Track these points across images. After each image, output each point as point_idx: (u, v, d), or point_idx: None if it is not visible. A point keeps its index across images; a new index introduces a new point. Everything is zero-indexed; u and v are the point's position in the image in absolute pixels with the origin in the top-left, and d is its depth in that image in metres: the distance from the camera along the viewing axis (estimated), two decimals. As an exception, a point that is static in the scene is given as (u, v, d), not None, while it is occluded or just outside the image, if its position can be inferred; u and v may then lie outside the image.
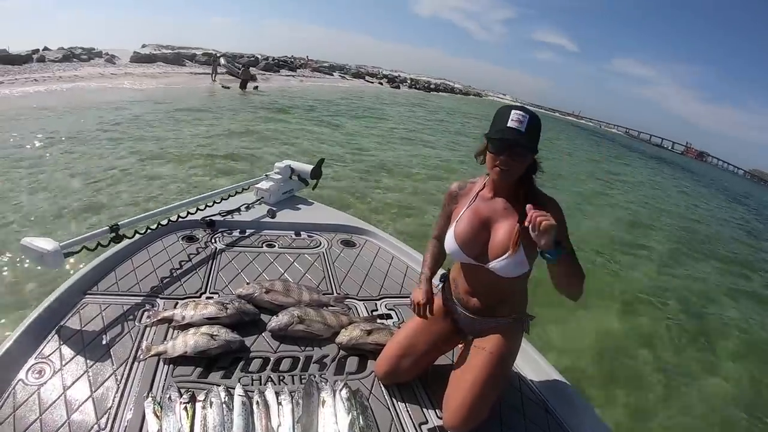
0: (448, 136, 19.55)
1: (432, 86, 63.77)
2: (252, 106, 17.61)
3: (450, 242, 1.79)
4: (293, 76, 36.69)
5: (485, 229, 1.73)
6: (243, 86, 22.83)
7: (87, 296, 2.16)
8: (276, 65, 37.77)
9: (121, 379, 1.71)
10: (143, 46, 32.53)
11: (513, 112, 1.58)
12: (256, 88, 23.66)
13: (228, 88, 22.30)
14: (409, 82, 60.03)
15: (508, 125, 1.56)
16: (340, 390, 1.71)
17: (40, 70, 18.96)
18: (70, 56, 23.26)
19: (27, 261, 2.15)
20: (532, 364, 2.17)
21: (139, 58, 27.24)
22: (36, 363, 1.72)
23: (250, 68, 29.67)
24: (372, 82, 49.01)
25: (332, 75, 46.15)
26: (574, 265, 1.58)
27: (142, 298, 2.21)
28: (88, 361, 1.77)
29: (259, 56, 38.68)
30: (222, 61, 28.57)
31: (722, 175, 52.70)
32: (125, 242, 2.52)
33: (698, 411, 4.05)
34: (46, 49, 23.43)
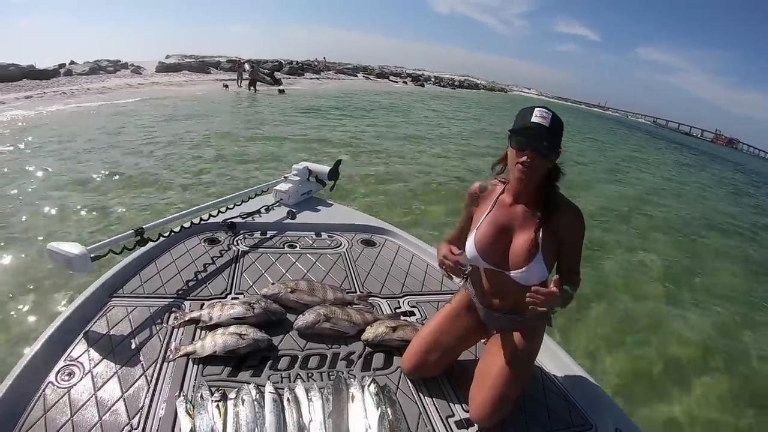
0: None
1: (456, 83, 63.16)
2: (285, 108, 17.99)
3: (470, 248, 1.79)
4: (318, 78, 36.84)
5: (504, 238, 1.73)
6: (252, 85, 23.11)
7: (113, 299, 2.19)
8: (300, 68, 37.93)
9: (152, 379, 1.73)
10: (167, 56, 32.96)
11: (536, 109, 1.58)
12: (282, 91, 23.74)
13: (226, 86, 23.20)
14: (433, 80, 59.47)
15: (533, 120, 1.56)
16: (368, 385, 1.73)
17: (68, 83, 19.36)
18: (96, 69, 23.74)
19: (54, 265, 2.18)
20: (553, 358, 2.17)
21: (164, 68, 27.64)
22: (65, 365, 1.75)
23: (275, 72, 29.88)
24: (397, 82, 48.70)
25: (357, 76, 46.07)
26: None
27: (168, 299, 2.25)
28: (117, 362, 1.80)
29: (283, 61, 38.89)
30: (246, 66, 28.88)
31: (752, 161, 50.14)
32: (149, 245, 2.57)
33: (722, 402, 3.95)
34: (72, 62, 23.96)
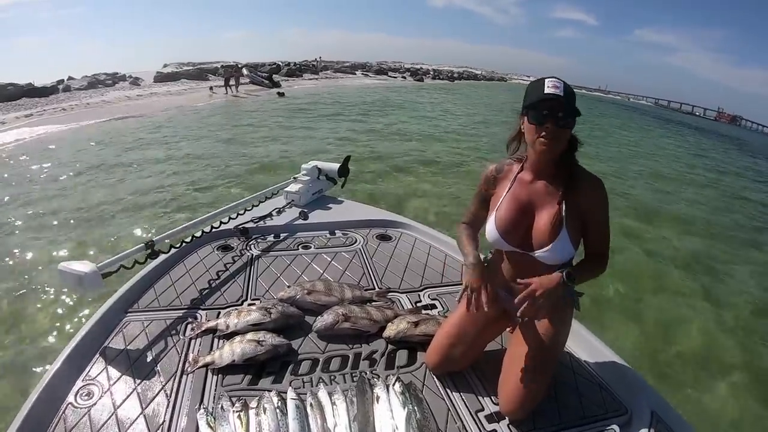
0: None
1: (455, 75, 63.15)
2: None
3: (491, 231, 1.72)
4: (317, 78, 36.89)
5: (527, 216, 1.67)
6: (226, 84, 23.06)
7: (128, 315, 2.17)
8: (298, 70, 37.98)
9: (171, 393, 1.70)
10: (165, 66, 33.03)
11: (547, 80, 1.53)
12: (282, 94, 23.60)
13: (211, 89, 23.62)
14: (432, 73, 59.40)
15: (546, 92, 1.50)
16: (393, 384, 1.68)
17: (67, 99, 19.47)
18: (95, 83, 23.89)
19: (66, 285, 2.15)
20: (584, 343, 2.10)
21: (162, 78, 27.71)
22: (84, 385, 1.72)
23: (273, 75, 29.89)
24: (395, 77, 48.63)
25: (355, 74, 46.21)
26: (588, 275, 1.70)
27: (183, 311, 2.22)
28: (135, 378, 1.77)
29: (281, 63, 38.97)
30: (245, 71, 28.83)
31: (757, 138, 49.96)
32: (161, 257, 2.53)
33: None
34: (70, 78, 24.08)
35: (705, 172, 15.10)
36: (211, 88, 24.00)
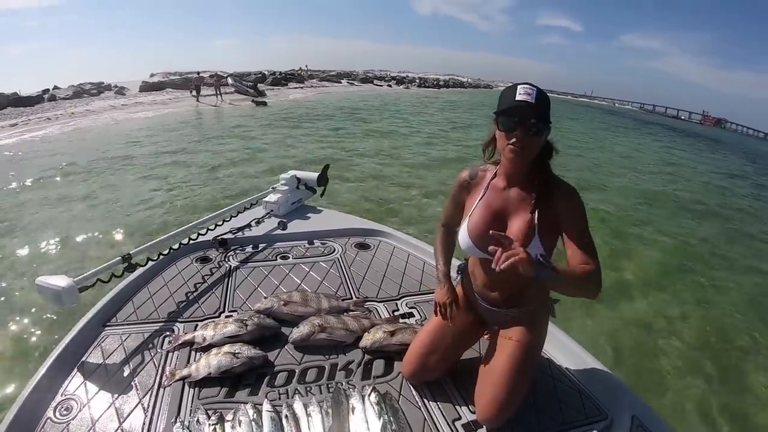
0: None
1: (441, 83, 63.24)
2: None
3: (464, 238, 1.73)
4: (302, 87, 36.68)
5: (499, 223, 1.65)
6: (197, 92, 23.17)
7: (106, 328, 2.16)
8: (283, 79, 37.76)
9: (148, 407, 1.70)
10: (152, 75, 32.77)
11: (520, 86, 1.51)
12: (262, 104, 23.21)
13: (191, 93, 24.02)
14: (417, 81, 59.41)
15: (517, 99, 1.49)
16: (369, 395, 1.68)
17: (52, 108, 19.21)
18: (80, 92, 23.62)
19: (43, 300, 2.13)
20: (563, 349, 2.11)
21: (147, 87, 27.43)
22: (63, 400, 1.72)
23: (258, 84, 29.80)
24: (381, 86, 48.58)
25: (341, 83, 46.12)
26: (572, 277, 1.46)
27: (161, 324, 2.21)
28: (113, 392, 1.76)
29: (266, 72, 38.78)
30: (230, 80, 28.71)
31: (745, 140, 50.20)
32: (139, 270, 2.52)
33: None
34: (56, 87, 23.84)
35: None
36: (191, 91, 24.15)
